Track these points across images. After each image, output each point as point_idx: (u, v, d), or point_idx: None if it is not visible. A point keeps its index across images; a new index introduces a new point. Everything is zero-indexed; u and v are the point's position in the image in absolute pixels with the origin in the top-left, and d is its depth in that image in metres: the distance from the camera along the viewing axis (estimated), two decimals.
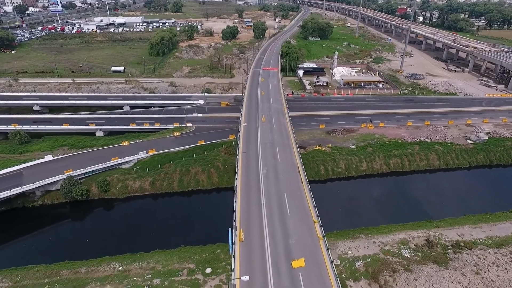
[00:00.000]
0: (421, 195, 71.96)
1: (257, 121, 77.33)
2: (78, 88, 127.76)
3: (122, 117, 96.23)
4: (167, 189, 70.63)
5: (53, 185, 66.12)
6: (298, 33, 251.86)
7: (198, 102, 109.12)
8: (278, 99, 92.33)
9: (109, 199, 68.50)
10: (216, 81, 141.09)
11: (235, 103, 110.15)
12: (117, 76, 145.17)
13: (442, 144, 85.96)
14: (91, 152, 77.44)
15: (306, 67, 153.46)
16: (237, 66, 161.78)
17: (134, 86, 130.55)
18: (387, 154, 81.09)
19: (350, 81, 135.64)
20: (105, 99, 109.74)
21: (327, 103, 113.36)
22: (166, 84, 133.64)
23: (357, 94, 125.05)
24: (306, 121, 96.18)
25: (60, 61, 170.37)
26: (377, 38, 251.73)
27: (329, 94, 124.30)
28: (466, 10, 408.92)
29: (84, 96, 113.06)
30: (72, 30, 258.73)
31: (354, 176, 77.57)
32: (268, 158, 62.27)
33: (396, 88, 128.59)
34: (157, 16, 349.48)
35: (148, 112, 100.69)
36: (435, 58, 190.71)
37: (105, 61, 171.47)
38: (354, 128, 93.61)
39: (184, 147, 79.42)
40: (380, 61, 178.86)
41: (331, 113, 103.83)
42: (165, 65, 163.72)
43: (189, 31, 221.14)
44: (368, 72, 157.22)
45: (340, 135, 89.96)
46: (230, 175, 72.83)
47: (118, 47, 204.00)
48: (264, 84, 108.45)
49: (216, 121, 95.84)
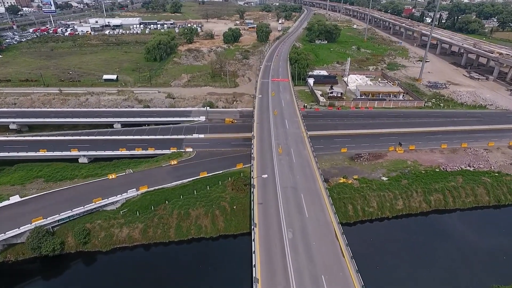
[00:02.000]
0: (476, 245, 58.21)
1: (273, 154, 63.49)
2: (64, 100, 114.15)
3: (110, 140, 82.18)
4: (162, 238, 57.14)
5: (17, 238, 52.66)
6: (303, 36, 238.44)
7: (199, 119, 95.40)
8: (294, 120, 78.38)
9: (90, 252, 55.00)
10: (218, 91, 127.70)
11: (241, 120, 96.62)
12: (109, 85, 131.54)
13: (489, 174, 72.55)
14: (69, 189, 63.56)
15: (317, 75, 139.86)
16: (241, 73, 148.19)
17: (127, 98, 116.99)
18: (426, 189, 67.63)
19: (367, 91, 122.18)
20: (92, 116, 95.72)
21: (345, 120, 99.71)
22: (163, 95, 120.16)
23: (377, 108, 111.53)
24: (324, 142, 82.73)
25: (49, 67, 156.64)
26: (387, 41, 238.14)
27: (346, 107, 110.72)
28: (473, 11, 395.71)
29: (69, 112, 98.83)
30: (65, 32, 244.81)
31: (389, 216, 64.16)
32: (292, 213, 48.70)
33: (419, 101, 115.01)
34: (155, 17, 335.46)
35: (141, 133, 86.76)
36: (453, 63, 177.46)
37: (98, 67, 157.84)
38: (381, 153, 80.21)
39: (182, 181, 65.86)
40: (395, 68, 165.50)
41: (352, 133, 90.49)
42: (162, 72, 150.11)
43: (189, 34, 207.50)
44: (384, 80, 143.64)
45: (366, 161, 76.56)
46: (240, 219, 59.47)
47: (112, 51, 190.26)
48: (276, 100, 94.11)
49: (220, 143, 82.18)
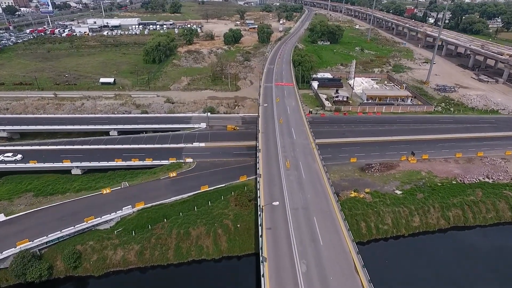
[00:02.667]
0: (500, 265, 53.89)
1: (280, 169, 58.84)
2: (59, 105, 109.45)
3: (105, 149, 77.56)
4: (160, 261, 52.51)
5: (0, 262, 48.04)
6: (305, 37, 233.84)
7: (199, 126, 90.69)
8: (301, 130, 73.68)
9: (81, 277, 50.38)
10: (219, 95, 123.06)
11: (243, 127, 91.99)
12: (106, 89, 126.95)
13: (510, 187, 67.92)
14: (60, 206, 58.85)
15: (321, 78, 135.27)
16: (242, 76, 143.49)
17: (125, 103, 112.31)
18: (444, 204, 63.04)
19: (374, 95, 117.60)
20: (87, 123, 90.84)
21: (352, 126, 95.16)
22: (162, 99, 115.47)
23: (385, 113, 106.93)
24: (332, 151, 78.00)
25: (44, 69, 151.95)
26: (391, 42, 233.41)
27: (352, 112, 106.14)
28: (476, 11, 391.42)
29: (63, 118, 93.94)
30: (63, 33, 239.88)
31: (405, 234, 59.53)
32: (304, 239, 44.13)
33: (429, 105, 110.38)
34: (154, 18, 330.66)
35: (138, 141, 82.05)
36: (460, 65, 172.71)
37: (95, 69, 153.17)
38: (393, 163, 75.54)
39: (182, 196, 61.23)
40: (401, 70, 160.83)
41: (361, 140, 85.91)
42: (161, 75, 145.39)
43: (188, 35, 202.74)
44: (390, 83, 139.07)
45: (378, 172, 71.92)
46: (244, 239, 54.87)
47: (110, 53, 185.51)
48: (281, 107, 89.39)
49: (222, 153, 77.50)
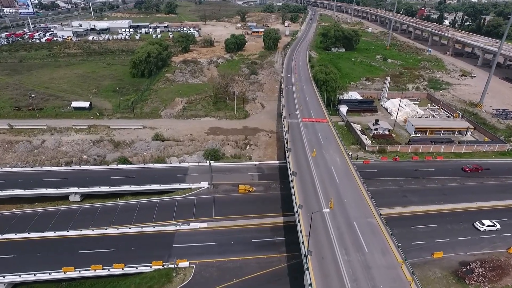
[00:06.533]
0: None
1: None
2: (10, 144, 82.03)
3: (54, 240, 50.22)
4: None
5: None
6: (316, 42, 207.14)
7: (199, 186, 63.42)
8: (368, 223, 43.65)
9: None
10: (224, 124, 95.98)
11: (261, 185, 64.85)
12: (79, 116, 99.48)
13: None
14: None
15: (349, 101, 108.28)
16: (251, 96, 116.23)
17: (100, 139, 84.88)
18: None
19: (424, 128, 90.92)
20: (36, 186, 62.26)
21: (412, 181, 68.07)
22: (150, 133, 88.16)
23: (447, 155, 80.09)
24: (398, 233, 50.19)
25: (8, 87, 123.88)
26: (413, 49, 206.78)
27: (403, 155, 79.32)
28: (492, 11, 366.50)
29: (1, 175, 66.23)
30: (43, 37, 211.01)
31: None
32: None
33: (502, 144, 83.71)
34: (148, 19, 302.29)
35: (107, 214, 54.78)
36: (505, 79, 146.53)
37: (71, 86, 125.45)
38: (500, 260, 48.87)
39: None
40: (439, 86, 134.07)
41: (433, 210, 59.26)
42: (151, 94, 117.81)
43: (185, 42, 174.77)
44: (434, 106, 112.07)
45: (484, 283, 45.28)
46: None
47: (93, 63, 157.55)
48: (321, 166, 57.72)
49: (236, 243, 50.08)
